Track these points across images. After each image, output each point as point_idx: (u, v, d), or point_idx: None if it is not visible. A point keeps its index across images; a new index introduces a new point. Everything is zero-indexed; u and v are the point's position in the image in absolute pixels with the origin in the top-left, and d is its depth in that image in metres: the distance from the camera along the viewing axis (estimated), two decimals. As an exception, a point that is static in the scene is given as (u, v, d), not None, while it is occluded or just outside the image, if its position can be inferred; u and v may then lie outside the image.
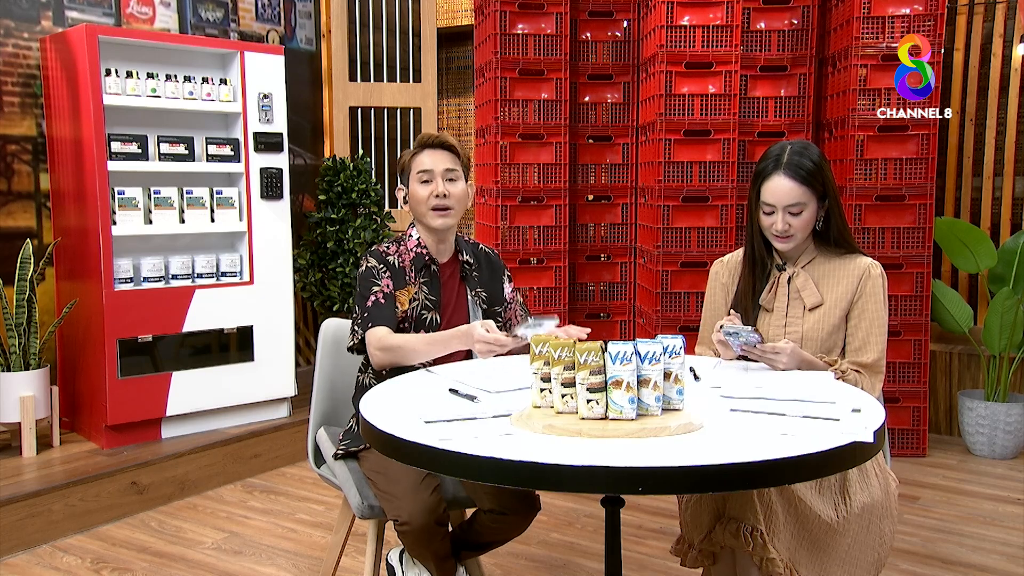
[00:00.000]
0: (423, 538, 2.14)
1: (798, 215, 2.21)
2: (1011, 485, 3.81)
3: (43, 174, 4.00)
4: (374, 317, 2.29)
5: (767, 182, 2.23)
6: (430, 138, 2.43)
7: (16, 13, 3.90)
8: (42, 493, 3.27)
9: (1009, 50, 4.42)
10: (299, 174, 4.97)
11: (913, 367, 4.11)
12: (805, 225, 2.23)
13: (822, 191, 2.22)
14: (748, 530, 1.92)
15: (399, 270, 2.37)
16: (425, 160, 2.40)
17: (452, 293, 2.43)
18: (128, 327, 3.76)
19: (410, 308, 2.34)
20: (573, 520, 3.43)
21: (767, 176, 2.23)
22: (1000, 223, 4.46)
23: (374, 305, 2.31)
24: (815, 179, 2.20)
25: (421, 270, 2.39)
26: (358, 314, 2.33)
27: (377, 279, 2.34)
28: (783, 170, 2.20)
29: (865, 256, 2.30)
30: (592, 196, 4.58)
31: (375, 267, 2.36)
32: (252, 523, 3.46)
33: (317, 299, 4.86)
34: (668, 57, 4.07)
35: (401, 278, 2.36)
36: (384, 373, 2.34)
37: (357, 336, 2.31)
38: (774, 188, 2.21)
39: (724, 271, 2.45)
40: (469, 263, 2.48)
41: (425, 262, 2.40)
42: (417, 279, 2.38)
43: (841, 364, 2.21)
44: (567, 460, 1.48)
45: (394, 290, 2.34)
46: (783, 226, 2.21)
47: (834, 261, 2.30)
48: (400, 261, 2.38)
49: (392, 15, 5.44)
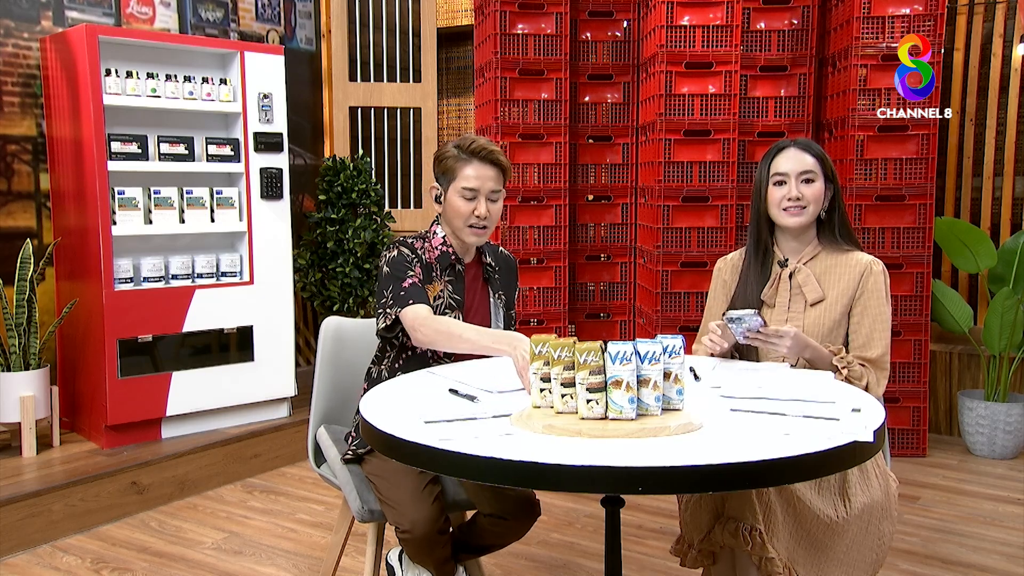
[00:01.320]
0: (424, 546, 2.14)
1: (810, 183, 2.27)
2: (1011, 485, 3.81)
3: (43, 174, 4.00)
4: (412, 295, 2.21)
5: (779, 155, 2.31)
6: (482, 150, 2.28)
7: (16, 13, 3.90)
8: (42, 493, 3.27)
9: (1009, 50, 4.42)
10: (299, 174, 4.97)
11: (913, 367, 4.11)
12: (816, 197, 2.27)
13: (830, 173, 2.30)
14: (747, 530, 1.92)
15: (427, 265, 2.32)
16: (472, 176, 2.28)
17: (475, 294, 2.40)
18: (128, 327, 3.76)
19: (434, 306, 2.28)
20: (573, 520, 3.43)
21: (779, 151, 2.32)
22: (1000, 223, 4.46)
23: (411, 286, 2.23)
24: (824, 159, 2.30)
25: (447, 269, 2.34)
26: (391, 296, 2.23)
27: (411, 266, 2.27)
28: (795, 145, 2.31)
29: (866, 253, 2.31)
30: (592, 196, 4.58)
31: (408, 255, 2.29)
32: (252, 523, 3.46)
33: (317, 299, 4.86)
34: (668, 57, 4.07)
35: (428, 272, 2.31)
36: (399, 367, 2.31)
37: (390, 316, 2.22)
38: (788, 157, 2.29)
39: (727, 268, 2.46)
40: (492, 265, 2.44)
41: (451, 261, 2.35)
42: (442, 277, 2.33)
43: (846, 355, 2.21)
44: (567, 460, 1.48)
45: (423, 283, 2.29)
46: (796, 192, 2.26)
47: (836, 257, 2.31)
48: (427, 256, 2.34)
49: (392, 15, 5.44)
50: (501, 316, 2.44)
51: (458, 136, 2.42)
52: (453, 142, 2.35)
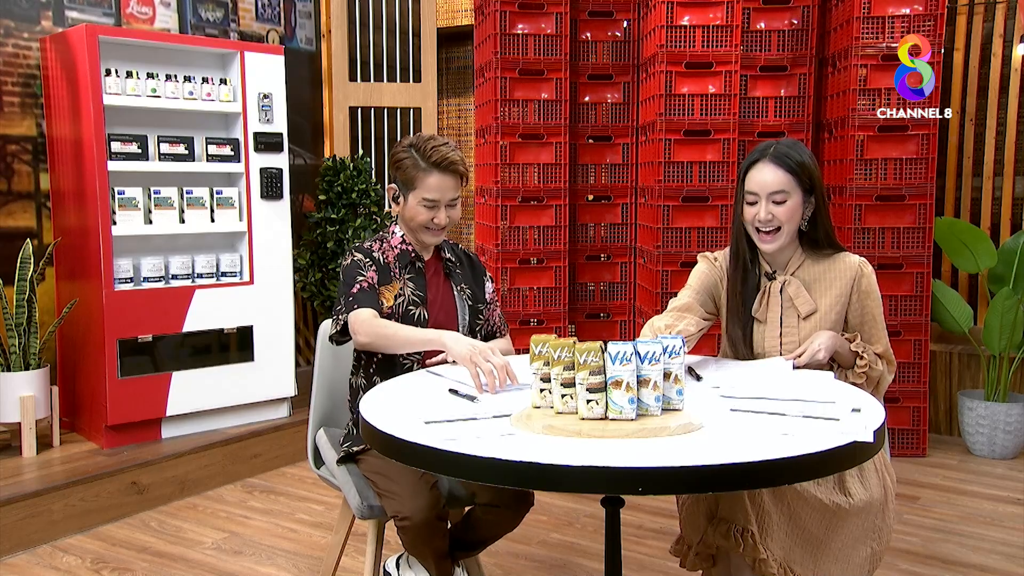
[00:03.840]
0: (424, 533, 2.15)
1: (781, 204, 2.16)
2: (1011, 485, 3.81)
3: (43, 174, 4.00)
4: (359, 301, 2.25)
5: (751, 171, 2.20)
6: (443, 160, 2.30)
7: (16, 13, 3.90)
8: (42, 493, 3.27)
9: (1009, 50, 4.42)
10: (299, 174, 4.97)
11: (913, 367, 4.11)
12: (789, 216, 2.17)
13: (808, 185, 2.19)
14: (738, 531, 1.92)
15: (384, 266, 2.35)
16: (433, 187, 2.30)
17: (438, 289, 2.43)
18: (128, 327, 3.76)
19: (396, 304, 2.32)
20: (573, 520, 3.43)
21: (752, 165, 2.21)
22: (1000, 223, 4.46)
23: (359, 291, 2.27)
24: (801, 171, 2.17)
25: (407, 266, 2.38)
26: (341, 302, 2.29)
27: (363, 271, 2.31)
28: (768, 158, 2.18)
29: (851, 254, 2.26)
30: (592, 196, 4.58)
31: (360, 260, 2.33)
32: (252, 523, 3.46)
33: (317, 299, 4.86)
34: (668, 57, 4.07)
35: (386, 274, 2.34)
36: (373, 372, 2.33)
37: (339, 323, 2.28)
38: (757, 175, 2.18)
39: (714, 270, 2.36)
40: (452, 260, 2.48)
41: (411, 258, 2.39)
42: (402, 275, 2.36)
43: (866, 351, 2.16)
44: (567, 460, 1.48)
45: (378, 285, 2.32)
46: (765, 215, 2.16)
47: (822, 263, 2.25)
48: (384, 257, 2.37)
49: (392, 15, 5.44)
50: (467, 310, 2.44)
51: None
52: (409, 143, 2.35)
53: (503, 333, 2.55)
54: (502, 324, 2.56)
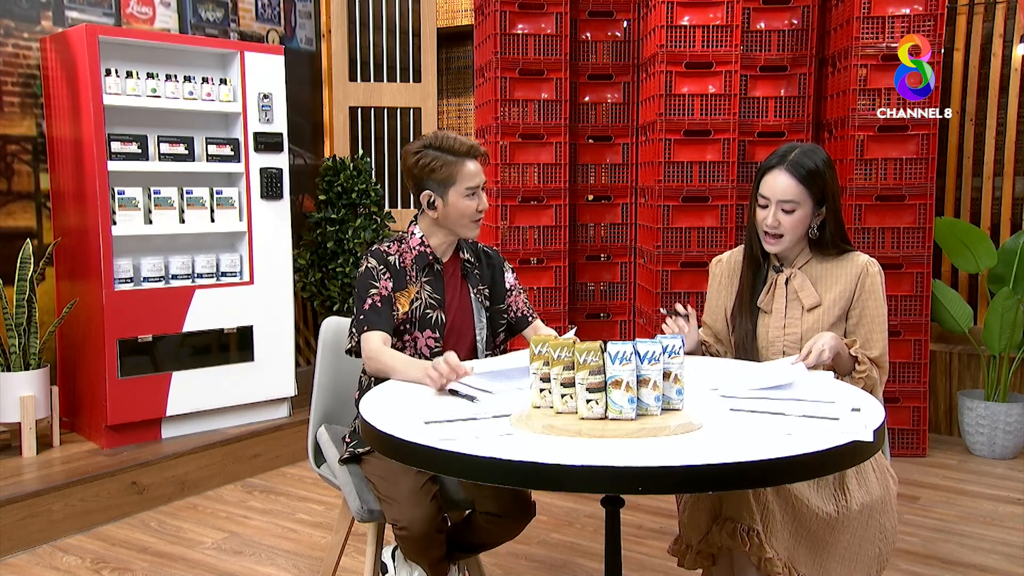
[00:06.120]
0: (421, 544, 2.15)
1: (790, 213, 2.21)
2: (1011, 485, 3.81)
3: (43, 174, 4.00)
4: (370, 321, 2.26)
5: (767, 175, 2.25)
6: (472, 148, 2.32)
7: (16, 13, 3.90)
8: (42, 493, 3.27)
9: (1009, 50, 4.42)
10: (299, 174, 4.97)
11: (913, 367, 4.11)
12: (794, 226, 2.22)
13: (820, 196, 2.22)
14: (744, 530, 1.92)
15: (400, 270, 2.34)
16: (472, 173, 2.31)
17: (455, 291, 2.41)
18: (128, 327, 3.76)
19: (412, 309, 2.31)
20: (573, 520, 3.43)
21: (768, 170, 2.25)
22: (1000, 223, 4.46)
23: (371, 308, 2.28)
24: (814, 181, 2.20)
25: (424, 269, 2.36)
26: (356, 317, 2.30)
27: (376, 280, 2.30)
28: (785, 166, 2.22)
29: (862, 254, 2.29)
30: (592, 196, 4.58)
31: (374, 268, 2.32)
32: (252, 523, 3.46)
33: (317, 299, 4.86)
34: (668, 57, 4.07)
35: (402, 278, 2.34)
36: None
37: (354, 339, 2.29)
38: (771, 181, 2.23)
39: (724, 270, 2.44)
40: (470, 261, 2.46)
41: (429, 261, 2.37)
42: (419, 278, 2.35)
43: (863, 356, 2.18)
44: (567, 460, 1.48)
45: (393, 291, 2.32)
46: (773, 221, 2.22)
47: (830, 261, 2.29)
48: (401, 260, 2.36)
49: (392, 15, 5.44)
50: (484, 313, 2.44)
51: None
52: (424, 145, 2.33)
53: (533, 318, 2.52)
54: (528, 310, 2.52)
